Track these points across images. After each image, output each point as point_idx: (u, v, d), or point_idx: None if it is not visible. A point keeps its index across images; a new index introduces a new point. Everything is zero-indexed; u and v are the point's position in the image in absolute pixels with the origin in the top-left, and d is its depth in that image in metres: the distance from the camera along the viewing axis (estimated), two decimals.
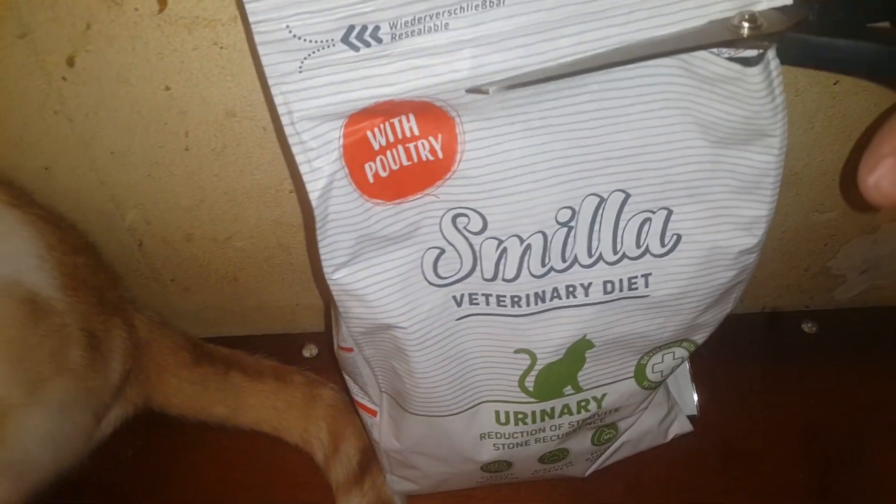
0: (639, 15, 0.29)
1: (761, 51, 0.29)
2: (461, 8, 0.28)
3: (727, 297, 0.38)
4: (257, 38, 0.28)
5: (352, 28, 0.28)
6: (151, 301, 0.57)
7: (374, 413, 0.45)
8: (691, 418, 0.51)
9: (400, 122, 0.31)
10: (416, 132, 0.31)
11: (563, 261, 0.34)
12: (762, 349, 0.59)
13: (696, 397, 0.53)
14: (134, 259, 0.53)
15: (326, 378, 0.55)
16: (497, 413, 0.40)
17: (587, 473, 0.50)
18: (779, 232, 0.54)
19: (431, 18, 0.28)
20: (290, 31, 0.28)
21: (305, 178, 0.31)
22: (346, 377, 0.45)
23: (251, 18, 0.27)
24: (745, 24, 0.28)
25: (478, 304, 0.36)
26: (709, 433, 0.52)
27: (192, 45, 0.39)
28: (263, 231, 0.52)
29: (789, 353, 0.58)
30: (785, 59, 0.29)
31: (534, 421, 0.41)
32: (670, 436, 0.50)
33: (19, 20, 0.38)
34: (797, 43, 0.28)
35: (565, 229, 0.33)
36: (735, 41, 0.28)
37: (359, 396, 0.46)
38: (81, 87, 0.41)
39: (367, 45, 0.28)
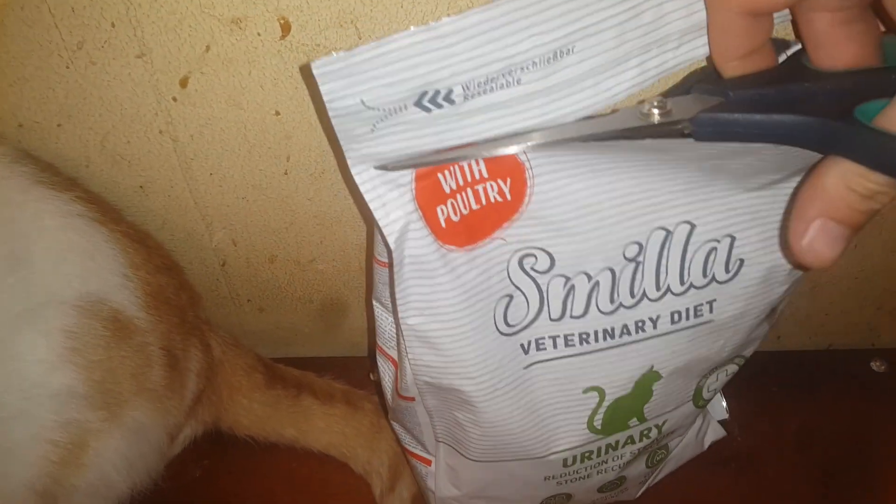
0: (690, 36, 0.30)
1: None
2: (534, 63, 0.28)
3: (775, 311, 0.39)
4: (331, 113, 0.28)
5: (425, 93, 0.28)
6: (224, 320, 0.56)
7: (428, 462, 0.44)
8: (722, 423, 0.51)
9: (469, 165, 0.31)
10: (486, 174, 0.31)
11: (632, 296, 0.34)
12: (830, 386, 0.59)
13: (724, 402, 0.52)
14: (214, 278, 0.52)
15: None
16: (565, 460, 0.40)
17: (638, 495, 0.50)
18: (856, 270, 0.54)
19: (504, 76, 0.29)
20: (363, 104, 0.28)
21: (381, 221, 0.31)
22: (398, 427, 0.45)
23: (326, 98, 0.28)
24: (656, 111, 0.30)
25: (545, 349, 0.35)
26: (763, 467, 0.53)
27: (309, 72, 0.39)
28: (346, 255, 0.51)
29: (859, 390, 0.58)
30: (701, 136, 0.30)
31: (598, 455, 0.41)
32: (707, 444, 0.51)
33: (140, 40, 0.37)
34: (711, 122, 0.29)
35: (633, 265, 0.33)
36: (647, 127, 0.30)
37: (411, 446, 0.45)
38: (191, 108, 0.41)
39: (440, 106, 0.29)
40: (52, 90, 0.40)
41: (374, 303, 0.39)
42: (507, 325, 0.34)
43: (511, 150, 0.30)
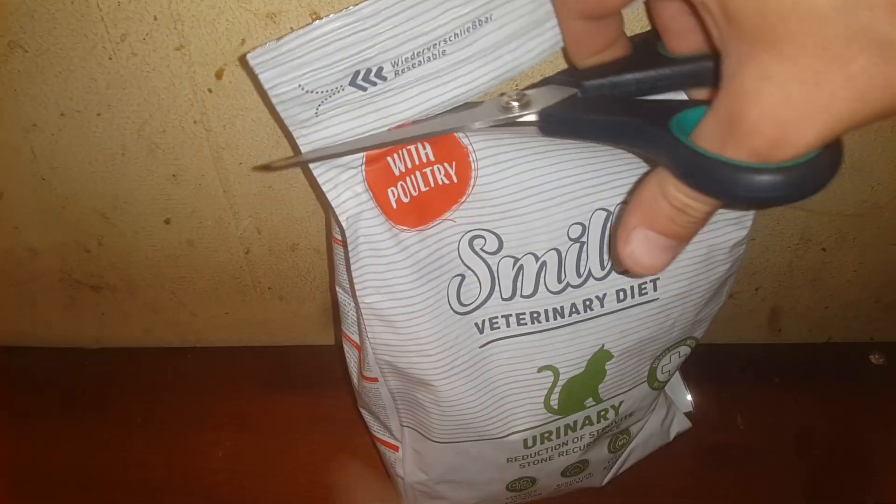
0: None
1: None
2: (455, 34, 0.31)
3: (721, 291, 0.41)
4: (274, 100, 0.31)
5: (357, 73, 0.31)
6: (245, 308, 0.58)
7: (395, 448, 0.46)
8: (688, 415, 0.53)
9: (416, 149, 0.33)
10: (432, 158, 0.33)
11: (579, 276, 0.36)
12: (829, 379, 0.60)
13: (689, 395, 0.54)
14: (238, 266, 0.54)
15: None
16: (525, 441, 0.41)
17: (605, 482, 0.51)
18: (855, 264, 0.56)
19: (429, 49, 0.31)
20: (302, 89, 0.31)
21: (333, 202, 0.33)
22: (365, 414, 0.46)
23: (266, 86, 0.30)
24: (515, 104, 0.32)
25: (498, 327, 0.37)
26: (761, 458, 0.54)
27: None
28: None
29: (857, 383, 0.60)
30: (547, 132, 0.32)
31: (558, 436, 0.42)
32: (672, 434, 0.52)
33: (180, 33, 0.40)
34: (555, 118, 0.31)
35: (578, 244, 0.35)
36: (507, 118, 0.32)
37: (379, 433, 0.46)
38: (225, 99, 0.43)
39: (374, 84, 0.31)
40: (94, 80, 0.42)
41: (338, 289, 0.41)
42: (461, 304, 0.36)
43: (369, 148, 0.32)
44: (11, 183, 0.49)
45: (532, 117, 0.31)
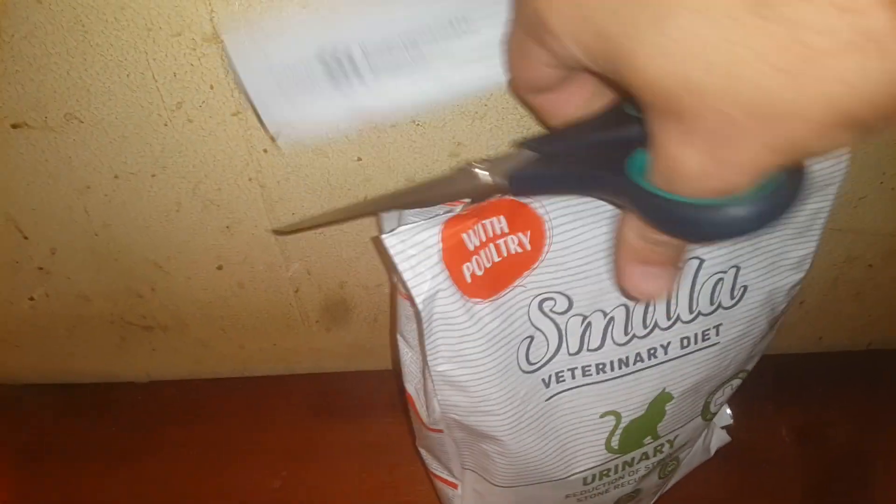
0: None
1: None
2: (430, 31, 0.32)
3: (774, 326, 0.41)
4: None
5: (325, 50, 0.32)
6: (293, 339, 0.59)
7: (454, 486, 0.47)
8: (727, 429, 0.54)
9: (491, 223, 0.33)
10: (507, 230, 0.33)
11: (645, 327, 0.37)
12: (877, 384, 0.61)
13: (728, 409, 0.54)
14: (287, 303, 0.55)
15: None
16: (585, 479, 0.42)
17: None
18: None
19: (403, 42, 0.32)
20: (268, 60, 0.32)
21: (410, 283, 0.32)
22: (425, 453, 0.47)
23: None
24: (486, 173, 0.32)
25: (564, 380, 0.37)
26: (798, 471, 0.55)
27: (392, 121, 0.41)
28: None
29: None
30: (518, 193, 0.32)
31: (616, 472, 0.43)
32: (713, 450, 0.53)
33: (236, 100, 0.39)
34: (522, 180, 0.31)
35: None
36: (480, 188, 0.32)
37: (438, 471, 0.47)
38: (280, 158, 0.43)
39: (341, 65, 0.32)
40: (149, 145, 0.42)
41: (399, 338, 0.41)
42: (529, 363, 0.36)
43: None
44: (64, 238, 0.49)
45: (502, 181, 0.32)
